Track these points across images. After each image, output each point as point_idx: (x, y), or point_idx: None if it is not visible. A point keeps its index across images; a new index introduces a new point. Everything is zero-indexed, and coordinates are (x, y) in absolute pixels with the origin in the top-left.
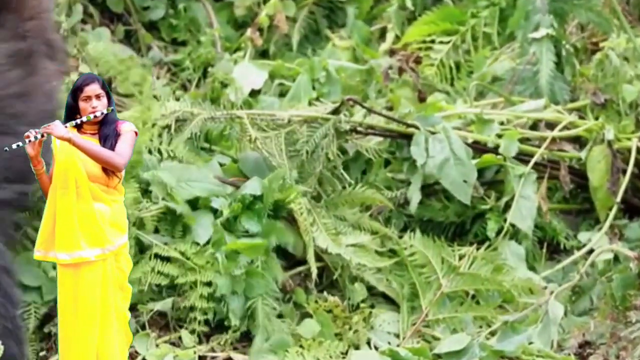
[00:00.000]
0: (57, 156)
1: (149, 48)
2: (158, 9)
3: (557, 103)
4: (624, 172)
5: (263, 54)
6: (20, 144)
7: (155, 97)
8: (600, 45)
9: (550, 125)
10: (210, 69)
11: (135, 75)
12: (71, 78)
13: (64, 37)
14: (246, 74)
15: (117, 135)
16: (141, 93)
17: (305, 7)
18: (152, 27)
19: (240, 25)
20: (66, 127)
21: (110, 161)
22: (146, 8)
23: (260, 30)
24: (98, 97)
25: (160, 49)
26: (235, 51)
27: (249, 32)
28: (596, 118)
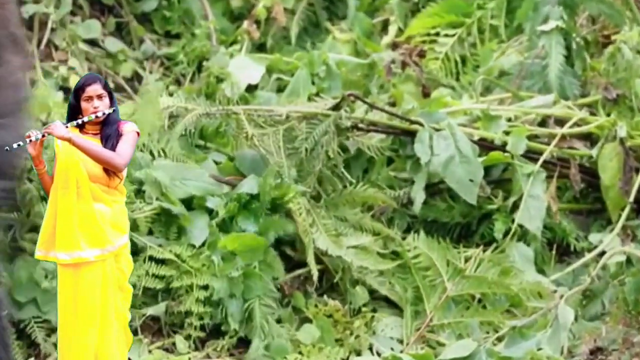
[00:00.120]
0: (59, 156)
1: (141, 41)
2: (151, 1)
3: (567, 98)
4: (636, 170)
5: (260, 47)
6: (20, 143)
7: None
8: (612, 38)
9: (560, 122)
10: (205, 63)
11: (126, 69)
12: (60, 72)
13: (52, 29)
14: (243, 68)
15: (118, 135)
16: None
17: None
18: (144, 19)
19: (236, 17)
20: (67, 127)
21: (110, 161)
22: None
23: (258, 22)
24: (100, 97)
25: (153, 42)
26: (231, 44)
27: (246, 24)
28: (608, 114)
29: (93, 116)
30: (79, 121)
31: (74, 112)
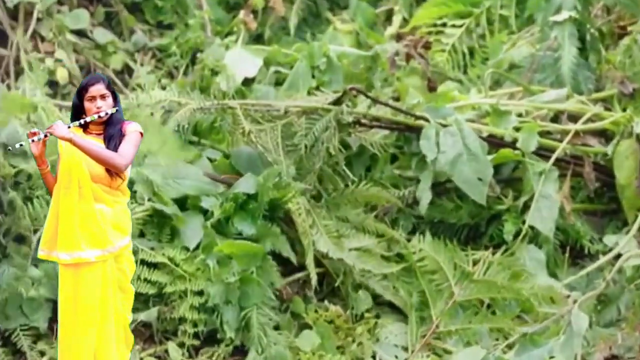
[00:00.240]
0: (62, 156)
1: (132, 32)
2: None
3: (580, 93)
4: None
5: (257, 38)
6: (22, 143)
7: (139, 86)
8: (629, 29)
9: (573, 118)
10: (199, 55)
11: (116, 62)
12: (46, 65)
13: (38, 19)
14: (239, 60)
15: (121, 135)
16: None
17: None
18: (135, 8)
19: (232, 7)
20: (69, 127)
21: (111, 162)
22: None
23: (255, 12)
24: (103, 97)
25: (144, 32)
26: (226, 35)
27: (242, 14)
28: (624, 109)
29: (96, 116)
30: (82, 121)
31: (77, 112)
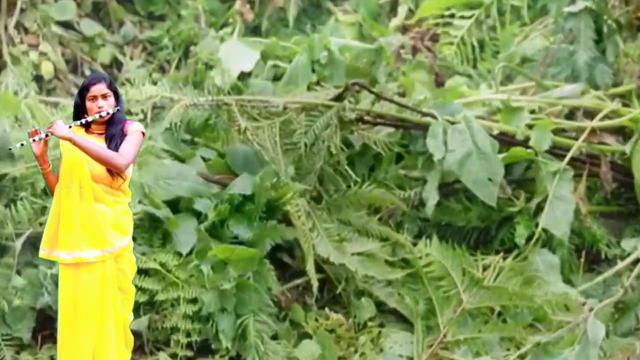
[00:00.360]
0: (64, 155)
1: (121, 23)
2: None
3: (597, 88)
4: None
5: (254, 30)
6: (24, 142)
7: (129, 81)
8: None
9: (589, 114)
10: (192, 48)
11: (105, 55)
12: (30, 58)
13: (22, 10)
14: (234, 53)
15: (123, 135)
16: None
17: None
18: None
19: None
20: (70, 127)
21: (111, 161)
22: None
23: (251, 2)
24: (104, 96)
25: (134, 24)
26: (221, 27)
27: (238, 4)
28: None
29: (97, 116)
30: (83, 121)
31: (79, 111)
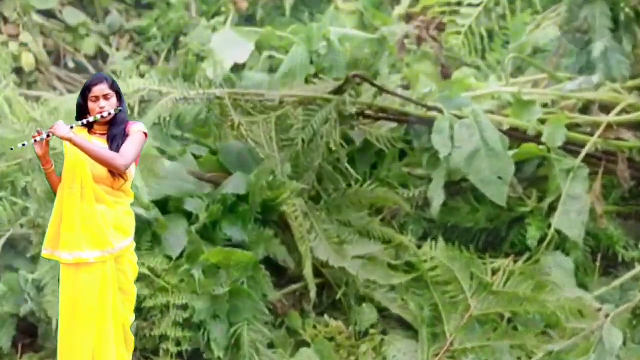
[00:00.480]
0: (67, 155)
1: (107, 12)
2: None
3: (613, 80)
4: None
5: (249, 19)
6: (25, 143)
7: (115, 73)
8: None
9: (606, 108)
10: (182, 39)
11: (89, 46)
12: (10, 49)
13: None
14: (227, 44)
15: (125, 135)
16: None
17: None
18: None
19: None
20: (72, 128)
21: (111, 162)
22: None
23: None
24: (106, 97)
25: (120, 13)
26: (213, 16)
27: None
28: None
29: (99, 116)
30: (84, 121)
31: (81, 112)
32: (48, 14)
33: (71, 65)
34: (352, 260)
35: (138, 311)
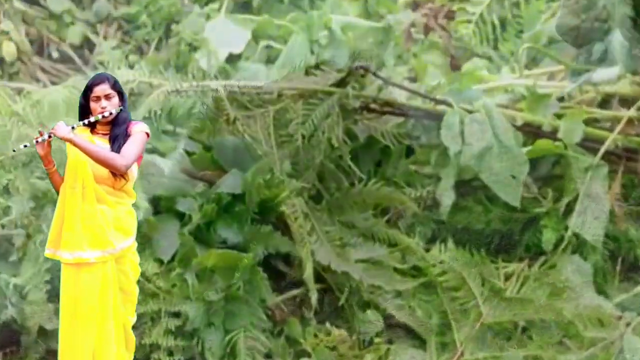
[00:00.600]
0: (69, 155)
1: None
2: None
3: (635, 72)
4: None
5: (244, 6)
6: (27, 144)
7: (102, 64)
8: None
9: (626, 102)
10: (174, 27)
11: (74, 34)
12: None
13: None
14: (222, 33)
15: (126, 135)
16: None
17: None
18: None
19: None
20: (73, 128)
21: (111, 162)
22: None
23: None
24: (107, 97)
25: None
26: (207, 3)
27: None
28: None
29: (100, 116)
30: (86, 121)
31: (83, 112)
32: (31, 0)
33: (55, 55)
34: (355, 264)
35: None
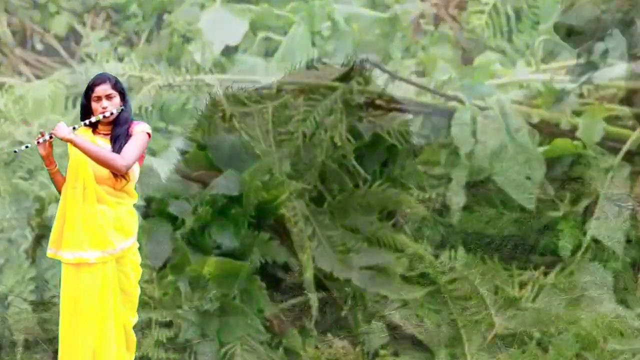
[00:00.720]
0: (70, 155)
1: None
2: None
3: None
4: None
5: None
6: (28, 145)
7: (89, 57)
8: None
9: None
10: (166, 17)
11: (60, 25)
12: None
13: None
14: (218, 23)
15: (128, 136)
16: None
17: None
18: None
19: None
20: (74, 128)
21: (111, 163)
22: None
23: None
24: (109, 97)
25: None
26: None
27: None
28: None
29: (101, 116)
30: (86, 122)
31: (85, 112)
32: None
33: (39, 47)
34: (359, 271)
35: None
